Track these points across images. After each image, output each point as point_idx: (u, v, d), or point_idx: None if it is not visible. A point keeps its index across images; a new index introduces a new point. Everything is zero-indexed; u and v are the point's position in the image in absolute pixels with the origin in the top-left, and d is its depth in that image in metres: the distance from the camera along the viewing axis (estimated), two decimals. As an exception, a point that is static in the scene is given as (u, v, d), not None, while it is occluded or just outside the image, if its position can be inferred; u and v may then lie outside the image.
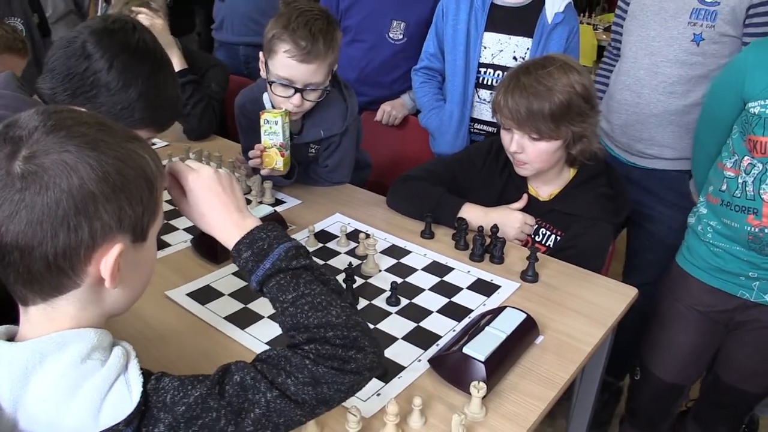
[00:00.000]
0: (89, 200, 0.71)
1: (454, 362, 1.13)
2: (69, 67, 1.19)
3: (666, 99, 1.90)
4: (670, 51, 1.86)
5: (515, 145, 1.59)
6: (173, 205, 1.74)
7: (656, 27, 1.88)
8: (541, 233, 1.67)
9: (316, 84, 1.68)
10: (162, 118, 1.27)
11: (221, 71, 2.41)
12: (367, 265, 1.49)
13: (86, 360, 0.73)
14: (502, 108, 1.57)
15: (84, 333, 0.75)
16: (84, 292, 0.76)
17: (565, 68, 1.54)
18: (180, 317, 1.31)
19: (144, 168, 0.78)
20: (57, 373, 0.71)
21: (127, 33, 1.22)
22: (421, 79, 2.30)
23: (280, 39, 1.62)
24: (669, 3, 1.86)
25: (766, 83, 1.44)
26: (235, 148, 2.22)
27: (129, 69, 1.19)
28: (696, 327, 1.74)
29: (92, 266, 0.74)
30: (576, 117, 1.53)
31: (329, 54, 1.65)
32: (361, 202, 1.85)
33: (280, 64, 1.65)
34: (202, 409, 0.75)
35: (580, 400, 1.58)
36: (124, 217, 0.75)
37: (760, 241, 1.50)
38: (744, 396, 1.80)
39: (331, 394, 0.82)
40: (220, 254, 1.50)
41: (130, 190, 0.75)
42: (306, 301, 0.87)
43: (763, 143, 1.44)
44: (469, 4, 2.09)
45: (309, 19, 1.62)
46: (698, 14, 1.80)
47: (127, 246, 0.77)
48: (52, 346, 0.73)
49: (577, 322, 1.33)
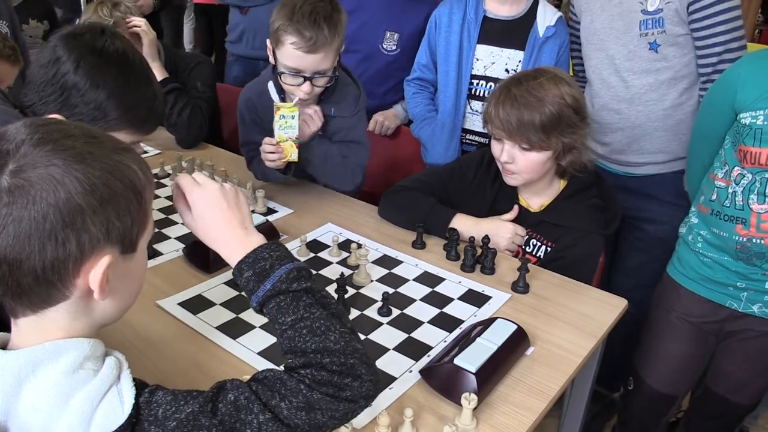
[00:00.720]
0: (76, 213, 0.71)
1: (446, 373, 1.14)
2: (42, 74, 1.21)
3: (645, 108, 1.94)
4: (633, 64, 1.92)
5: (505, 155, 1.60)
6: (165, 213, 1.77)
7: (612, 46, 1.94)
8: (531, 244, 1.68)
9: (324, 70, 1.71)
10: (137, 117, 1.27)
11: (206, 68, 2.38)
12: (358, 275, 1.49)
13: (79, 370, 0.73)
14: (493, 118, 1.59)
15: (78, 342, 0.75)
16: (73, 304, 0.77)
17: (555, 80, 1.56)
18: (171, 327, 1.31)
19: (132, 179, 0.78)
20: (50, 381, 0.71)
21: (94, 35, 1.24)
22: (414, 89, 2.31)
23: (285, 31, 1.63)
24: (617, 22, 1.92)
25: (757, 95, 1.46)
26: (227, 156, 2.23)
27: (96, 69, 1.21)
28: (688, 337, 1.75)
29: (81, 278, 0.75)
30: (566, 128, 1.55)
31: (335, 39, 1.66)
32: (353, 211, 1.86)
33: (287, 54, 1.66)
34: (194, 426, 0.74)
35: (570, 411, 1.58)
36: (112, 229, 0.75)
37: (747, 251, 1.52)
38: (733, 407, 1.81)
39: (324, 420, 0.80)
40: (212, 263, 1.50)
41: (118, 202, 0.75)
42: (305, 324, 0.86)
43: (753, 153, 1.46)
44: (461, 16, 2.11)
45: (312, 8, 1.62)
46: (646, 24, 1.86)
47: (116, 257, 0.77)
48: (46, 355, 0.73)
49: (568, 333, 1.33)
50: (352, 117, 1.86)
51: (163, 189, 1.95)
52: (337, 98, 1.83)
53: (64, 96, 1.20)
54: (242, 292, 1.40)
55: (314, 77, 1.70)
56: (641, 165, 2.03)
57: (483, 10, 2.10)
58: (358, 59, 2.46)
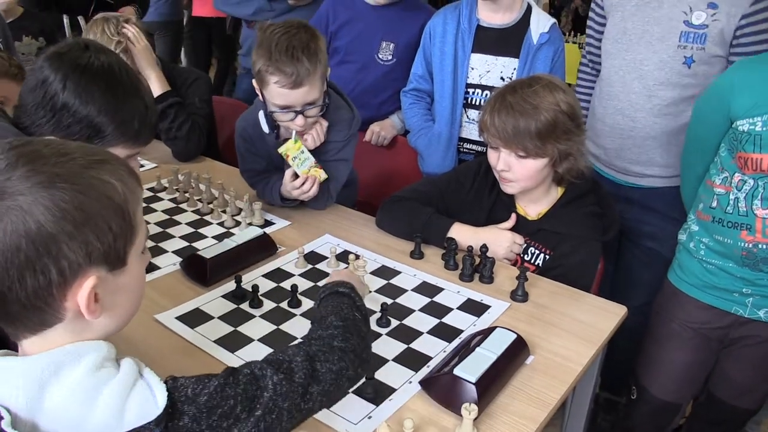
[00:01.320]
0: (50, 242, 0.70)
1: (445, 384, 1.13)
2: (32, 98, 1.21)
3: (661, 121, 1.89)
4: (662, 74, 1.85)
5: (502, 163, 1.60)
6: (162, 227, 1.77)
7: (643, 51, 1.87)
8: (530, 252, 1.68)
9: (314, 100, 1.70)
10: (131, 130, 1.26)
11: (203, 84, 2.39)
12: None
13: (101, 368, 0.74)
14: (488, 127, 1.59)
15: (97, 344, 0.77)
16: (71, 323, 0.76)
17: (550, 87, 1.56)
18: (169, 341, 1.30)
19: (110, 195, 0.76)
20: (74, 382, 0.72)
21: (78, 52, 1.24)
22: (410, 100, 2.31)
23: (266, 72, 1.63)
24: (653, 27, 1.85)
25: (753, 102, 1.46)
26: (222, 168, 2.22)
27: (82, 86, 1.20)
28: (691, 345, 1.74)
29: (69, 301, 0.74)
30: (562, 135, 1.55)
31: (318, 68, 1.65)
32: (351, 222, 1.85)
33: (273, 93, 1.67)
34: (221, 398, 0.78)
35: (571, 419, 1.57)
36: (92, 251, 0.73)
37: (753, 257, 1.51)
38: (737, 412, 1.80)
39: (323, 372, 0.90)
40: (210, 276, 1.49)
41: (96, 222, 0.73)
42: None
43: (754, 159, 1.46)
44: (455, 26, 2.11)
45: (288, 42, 1.61)
46: (687, 37, 1.80)
47: (104, 276, 0.76)
48: (68, 357, 0.74)
49: (568, 342, 1.33)
50: (345, 140, 1.86)
51: (160, 203, 1.95)
52: (330, 122, 1.82)
53: (55, 118, 1.20)
54: (240, 305, 1.41)
55: (305, 109, 1.70)
56: (647, 177, 1.99)
57: (476, 19, 2.10)
58: (354, 70, 2.46)
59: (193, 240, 1.73)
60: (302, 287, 1.49)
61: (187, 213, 1.89)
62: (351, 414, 1.11)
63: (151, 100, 1.32)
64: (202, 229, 1.79)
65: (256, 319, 1.38)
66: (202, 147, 2.31)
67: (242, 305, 1.42)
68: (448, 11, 2.17)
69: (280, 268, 1.59)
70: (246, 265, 1.57)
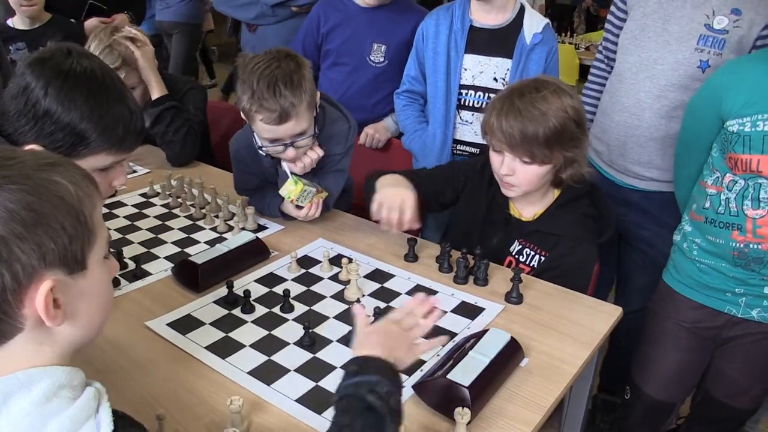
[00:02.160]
0: (0, 245, 0.68)
1: (438, 388, 1.12)
2: (14, 106, 1.19)
3: (668, 123, 1.86)
4: (675, 76, 1.82)
5: (506, 167, 1.57)
6: (154, 233, 1.76)
7: (659, 49, 1.84)
8: (525, 254, 1.67)
9: (303, 131, 1.68)
10: (115, 137, 1.24)
11: (199, 93, 2.39)
12: (349, 290, 1.47)
13: (53, 398, 0.70)
14: (494, 130, 1.55)
15: (51, 370, 0.73)
16: (31, 333, 0.73)
17: (558, 92, 1.53)
18: (160, 348, 1.29)
19: (61, 195, 0.74)
20: (21, 412, 0.69)
21: (60, 58, 1.22)
22: (404, 102, 2.30)
23: (251, 110, 1.61)
24: (672, 25, 1.81)
25: (743, 102, 1.45)
26: (215, 173, 2.21)
27: (64, 92, 1.18)
28: (685, 344, 1.74)
29: (27, 308, 0.71)
30: (568, 142, 1.53)
31: (303, 99, 1.62)
32: (345, 226, 1.84)
33: (261, 129, 1.66)
34: None
35: (568, 420, 1.56)
36: (46, 253, 0.71)
37: (745, 257, 1.51)
38: (734, 412, 1.80)
39: None
40: (202, 283, 1.48)
41: (48, 222, 0.71)
42: None
43: (744, 160, 1.46)
44: (448, 27, 2.10)
45: (269, 78, 1.58)
46: (706, 41, 1.76)
47: (63, 279, 0.74)
48: (17, 385, 0.70)
49: (563, 343, 1.32)
50: (343, 152, 1.84)
51: (153, 208, 1.94)
52: (327, 135, 1.81)
53: (38, 125, 1.18)
54: (232, 311, 1.40)
55: (294, 141, 1.68)
56: (646, 180, 1.97)
57: (469, 20, 2.09)
58: (347, 72, 2.46)
59: (186, 245, 1.71)
60: (295, 292, 1.47)
61: (179, 218, 1.88)
62: (343, 420, 1.09)
63: (136, 106, 1.30)
64: (194, 235, 1.78)
65: (248, 324, 1.36)
66: (196, 153, 2.31)
67: (234, 311, 1.41)
68: (440, 12, 2.16)
69: (273, 272, 1.57)
70: (238, 270, 1.56)
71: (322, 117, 1.80)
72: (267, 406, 1.13)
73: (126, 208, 1.93)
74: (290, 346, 1.29)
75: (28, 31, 2.84)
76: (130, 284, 1.51)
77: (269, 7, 2.77)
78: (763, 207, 1.46)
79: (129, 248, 1.68)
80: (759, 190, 1.45)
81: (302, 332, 1.30)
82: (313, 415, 1.11)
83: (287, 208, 1.81)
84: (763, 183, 1.44)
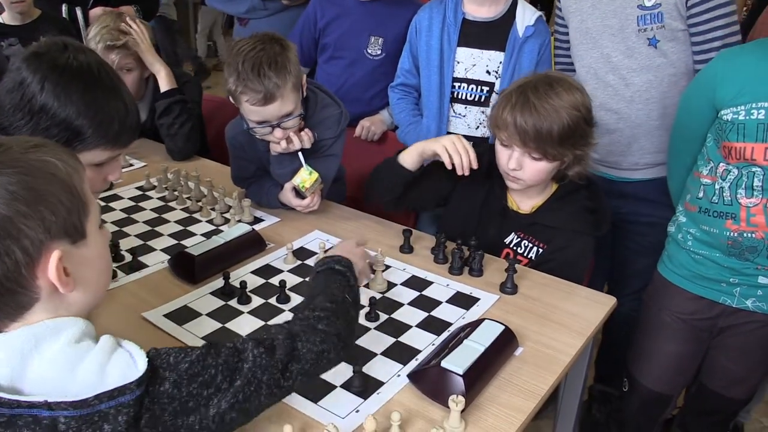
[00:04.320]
0: (7, 224, 0.74)
1: (433, 376, 1.13)
2: (9, 100, 1.18)
3: (645, 107, 1.90)
4: (633, 61, 1.87)
5: (514, 162, 1.57)
6: (150, 225, 1.77)
7: (608, 44, 1.90)
8: (523, 245, 1.68)
9: (289, 112, 1.69)
10: (111, 132, 1.24)
11: (194, 86, 2.41)
12: (375, 281, 1.48)
13: (80, 341, 0.78)
14: (507, 125, 1.54)
15: (75, 320, 0.80)
16: (47, 302, 0.80)
17: (571, 89, 1.53)
18: (158, 339, 1.30)
19: (53, 172, 0.80)
20: (55, 352, 0.76)
21: (56, 52, 1.22)
22: (398, 95, 2.31)
23: (237, 92, 1.62)
24: (611, 19, 1.88)
25: (736, 91, 1.46)
26: (211, 166, 2.22)
27: (61, 87, 1.18)
28: (681, 335, 1.75)
29: (41, 279, 0.78)
30: (579, 140, 1.54)
31: (287, 81, 1.63)
32: (340, 218, 1.85)
33: (247, 111, 1.67)
34: (203, 366, 0.82)
35: (563, 409, 1.58)
36: (50, 226, 0.77)
37: (739, 246, 1.52)
38: (728, 402, 1.81)
39: (303, 351, 0.93)
40: (198, 274, 1.49)
41: (46, 198, 0.77)
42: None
43: (738, 149, 1.47)
44: (441, 20, 2.11)
45: (254, 60, 1.59)
46: (644, 20, 1.82)
47: (68, 249, 0.80)
48: (47, 331, 0.77)
49: (557, 333, 1.33)
50: (335, 137, 1.85)
51: (149, 201, 1.94)
52: (318, 121, 1.82)
53: (33, 120, 1.17)
54: (228, 302, 1.41)
55: (281, 122, 1.69)
56: (639, 169, 1.99)
57: (462, 13, 2.10)
58: (344, 65, 2.47)
59: (182, 238, 1.72)
60: (291, 283, 1.48)
61: (176, 211, 1.88)
62: (339, 408, 1.10)
63: (131, 102, 1.29)
64: (191, 227, 1.79)
65: (244, 315, 1.37)
66: (197, 147, 2.32)
67: (230, 302, 1.42)
68: (433, 5, 2.16)
69: (269, 264, 1.58)
70: (234, 262, 1.57)
71: (314, 101, 1.81)
72: (263, 395, 1.14)
73: (122, 201, 1.94)
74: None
75: (20, 26, 2.84)
76: (127, 276, 1.52)
77: (260, 1, 2.77)
78: (756, 195, 1.47)
79: (126, 240, 1.68)
80: (752, 179, 1.46)
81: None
82: (308, 402, 1.12)
83: (286, 197, 1.82)
84: (757, 171, 1.45)
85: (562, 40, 2.10)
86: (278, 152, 1.76)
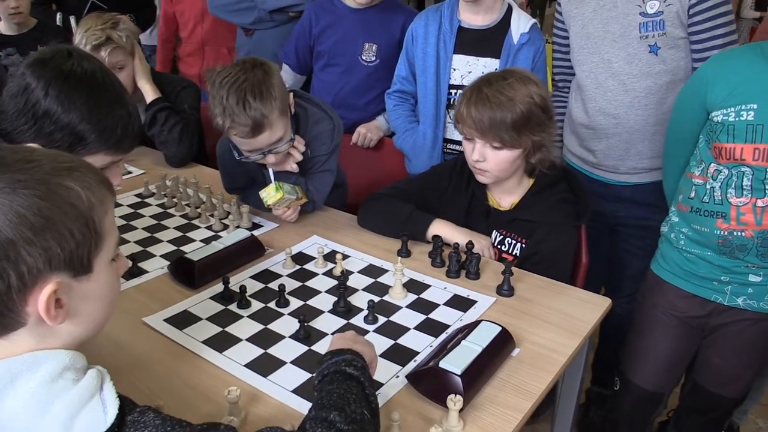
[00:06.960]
0: (8, 247, 0.71)
1: (431, 377, 1.14)
2: (14, 105, 1.20)
3: (643, 112, 1.92)
4: (633, 67, 1.90)
5: (477, 153, 1.63)
6: (150, 232, 1.78)
7: (609, 50, 1.92)
8: (507, 243, 1.70)
9: (279, 138, 1.70)
10: (114, 138, 1.26)
11: (193, 91, 2.41)
12: (394, 290, 1.49)
13: (57, 379, 0.73)
14: (465, 118, 1.62)
15: (56, 354, 0.76)
16: (33, 328, 0.76)
17: (524, 80, 1.61)
18: (158, 343, 1.31)
19: (73, 202, 0.76)
20: (28, 392, 0.71)
21: (61, 59, 1.23)
22: (394, 102, 2.33)
23: (224, 126, 1.63)
24: (612, 26, 1.90)
25: (727, 92, 1.49)
26: (210, 173, 2.23)
27: (65, 93, 1.20)
28: (673, 333, 1.77)
29: (30, 307, 0.74)
30: (536, 127, 1.59)
31: (273, 108, 1.62)
32: (338, 223, 1.86)
33: (238, 142, 1.69)
34: None
35: (560, 411, 1.59)
36: (53, 257, 0.73)
37: (729, 244, 1.54)
38: (723, 401, 1.82)
39: None
40: (198, 279, 1.50)
41: (56, 228, 0.74)
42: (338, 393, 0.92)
43: (728, 149, 1.50)
44: (437, 28, 2.14)
45: (238, 93, 1.59)
46: (646, 27, 1.85)
47: (68, 281, 0.76)
48: (24, 366, 0.73)
49: (553, 334, 1.34)
50: (329, 152, 1.86)
51: (148, 208, 1.96)
52: (311, 137, 1.83)
53: (37, 125, 1.19)
54: (228, 306, 1.42)
55: (272, 148, 1.70)
56: (640, 172, 2.01)
57: (458, 21, 2.13)
58: (339, 72, 2.49)
59: (182, 244, 1.74)
60: (290, 287, 1.50)
61: (175, 218, 1.90)
62: (339, 409, 1.12)
63: (134, 108, 1.32)
64: (190, 233, 1.80)
65: (244, 319, 1.39)
66: (194, 151, 2.32)
67: (230, 306, 1.43)
68: (429, 13, 2.19)
69: (268, 269, 1.60)
70: (234, 267, 1.58)
71: (305, 118, 1.82)
72: (263, 396, 1.16)
73: (122, 208, 1.95)
74: (286, 339, 1.32)
75: (17, 36, 2.87)
76: (127, 282, 1.53)
77: (267, 13, 2.79)
78: (746, 195, 1.50)
79: (125, 247, 1.69)
80: (742, 179, 1.49)
81: (297, 326, 1.32)
82: (309, 405, 1.12)
83: None
84: (746, 171, 1.49)
85: (561, 44, 2.12)
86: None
